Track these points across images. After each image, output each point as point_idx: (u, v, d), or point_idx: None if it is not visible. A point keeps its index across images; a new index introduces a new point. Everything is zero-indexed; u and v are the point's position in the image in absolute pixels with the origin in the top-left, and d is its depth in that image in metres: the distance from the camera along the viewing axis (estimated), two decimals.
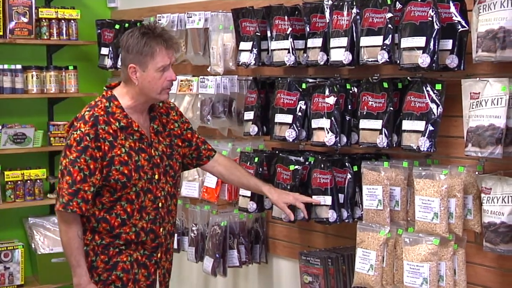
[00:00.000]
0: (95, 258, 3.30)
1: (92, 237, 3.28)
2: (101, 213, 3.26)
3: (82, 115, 3.25)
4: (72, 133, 3.21)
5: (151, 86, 3.24)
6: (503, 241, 3.06)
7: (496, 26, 2.95)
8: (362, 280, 3.46)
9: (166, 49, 3.24)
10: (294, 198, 3.58)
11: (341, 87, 3.62)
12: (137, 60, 3.21)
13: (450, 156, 3.41)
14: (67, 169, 3.18)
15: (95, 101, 3.32)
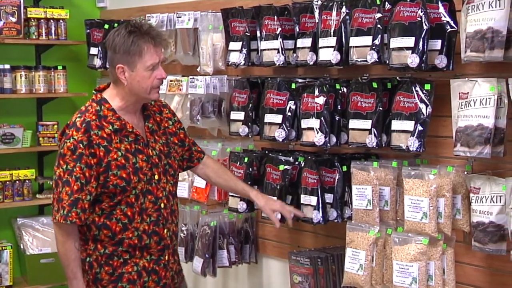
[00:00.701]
0: (99, 270, 3.17)
1: (95, 247, 3.17)
2: (101, 219, 3.14)
3: (73, 122, 3.14)
4: (65, 142, 3.10)
5: (140, 86, 3.13)
6: (492, 240, 3.09)
7: (484, 26, 2.96)
8: (351, 280, 3.47)
9: (155, 46, 3.13)
10: (281, 206, 3.56)
11: (331, 87, 3.62)
12: (125, 60, 3.10)
13: (439, 156, 3.42)
14: (62, 179, 3.07)
15: (85, 106, 3.21)
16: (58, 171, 3.09)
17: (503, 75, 3.04)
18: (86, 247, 3.17)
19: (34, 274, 5.09)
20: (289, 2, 3.86)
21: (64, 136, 3.13)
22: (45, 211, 5.38)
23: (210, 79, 4.33)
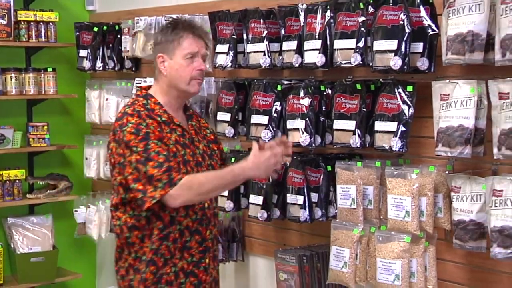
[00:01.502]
0: (145, 270, 3.06)
1: (151, 242, 3.06)
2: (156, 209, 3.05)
3: (123, 113, 3.05)
4: (123, 131, 2.99)
5: (179, 75, 3.07)
6: (472, 238, 3.11)
7: (465, 29, 2.99)
8: (336, 277, 3.49)
9: (194, 36, 3.10)
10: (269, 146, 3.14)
11: (316, 89, 3.64)
12: (164, 48, 3.09)
13: (421, 156, 3.43)
14: (141, 161, 2.93)
15: (131, 101, 3.14)
16: (133, 158, 2.95)
17: (483, 77, 3.07)
18: (142, 244, 3.07)
19: (24, 272, 5.08)
20: (275, 5, 3.87)
21: (120, 128, 3.01)
22: (35, 211, 5.38)
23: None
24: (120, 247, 3.13)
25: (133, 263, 3.10)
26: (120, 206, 3.08)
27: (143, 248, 3.07)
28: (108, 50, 5.03)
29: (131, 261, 3.10)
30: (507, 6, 2.85)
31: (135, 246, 3.08)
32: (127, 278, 3.11)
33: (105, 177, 5.10)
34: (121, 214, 3.08)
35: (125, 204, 3.06)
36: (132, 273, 3.10)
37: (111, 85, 5.06)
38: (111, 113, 4.99)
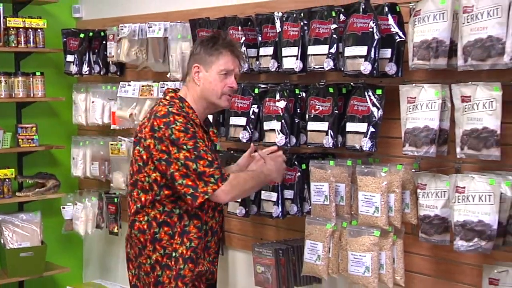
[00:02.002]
0: (183, 266, 3.04)
1: (181, 241, 3.04)
2: (193, 209, 3.04)
3: (167, 112, 2.99)
4: (171, 128, 2.94)
5: (211, 88, 3.08)
6: (437, 232, 3.13)
7: (429, 37, 3.00)
8: (310, 269, 3.50)
9: (232, 55, 3.11)
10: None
11: (291, 92, 3.65)
12: (202, 60, 3.08)
13: (390, 155, 3.45)
14: (191, 158, 2.91)
15: (167, 101, 3.07)
16: (181, 155, 2.93)
17: (447, 81, 3.08)
18: (171, 241, 3.04)
19: (14, 267, 5.06)
20: (252, 13, 3.88)
21: (165, 125, 2.95)
22: (24, 208, 5.35)
23: (179, 84, 4.30)
24: (143, 244, 3.07)
25: (160, 259, 3.05)
26: (148, 202, 3.03)
27: (172, 245, 3.04)
28: (94, 55, 5.02)
29: (158, 257, 3.05)
30: (468, 15, 2.87)
31: (162, 242, 3.04)
32: (153, 275, 3.06)
33: (91, 176, 5.09)
34: (150, 210, 3.04)
35: (154, 201, 3.02)
36: (159, 269, 3.05)
37: (97, 89, 5.05)
38: (97, 115, 4.99)
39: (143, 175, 3.02)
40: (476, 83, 2.95)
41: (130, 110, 4.64)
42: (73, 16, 5.59)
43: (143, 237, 3.06)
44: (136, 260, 3.13)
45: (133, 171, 3.09)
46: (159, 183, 3.00)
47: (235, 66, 3.13)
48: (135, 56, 4.63)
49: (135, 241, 3.10)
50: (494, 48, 2.81)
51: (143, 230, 3.06)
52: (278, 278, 3.70)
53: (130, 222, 3.12)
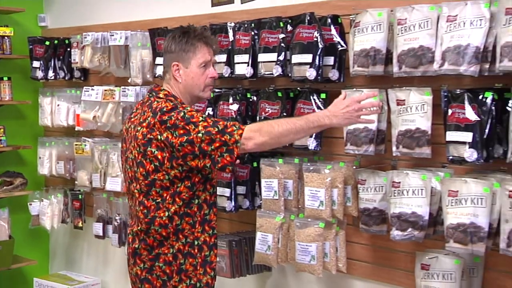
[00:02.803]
0: (208, 253, 2.95)
1: (202, 229, 2.94)
2: (212, 198, 2.97)
3: (173, 104, 2.84)
4: (180, 111, 2.79)
5: (194, 83, 2.94)
6: (375, 223, 3.17)
7: (368, 46, 3.04)
8: (261, 259, 3.50)
9: (206, 46, 2.96)
10: None
11: (243, 96, 3.65)
12: (180, 57, 2.92)
13: (333, 154, 3.46)
14: (209, 124, 2.76)
15: (165, 98, 2.91)
16: (200, 128, 2.75)
17: (384, 86, 3.12)
18: (193, 230, 2.92)
19: None
20: (207, 23, 3.87)
21: (176, 113, 2.79)
22: None
23: (139, 89, 4.32)
24: (165, 236, 2.89)
25: (182, 248, 2.91)
26: (168, 198, 2.86)
27: (194, 233, 2.92)
28: (59, 62, 4.97)
29: (180, 246, 2.91)
30: (402, 26, 2.92)
31: (185, 231, 2.90)
32: (175, 263, 2.91)
33: (56, 174, 5.04)
34: (170, 206, 2.87)
35: (174, 195, 2.87)
36: (181, 258, 2.92)
37: (62, 93, 4.99)
38: (62, 117, 4.94)
39: (162, 173, 2.84)
40: (409, 88, 3.00)
41: (93, 113, 4.61)
42: (39, 24, 5.51)
43: (166, 231, 2.89)
44: (152, 253, 2.93)
45: (147, 172, 2.86)
46: (180, 177, 2.85)
47: (212, 55, 2.99)
48: (98, 62, 4.61)
49: (155, 235, 2.90)
50: (425, 57, 2.86)
51: (165, 225, 2.89)
52: (232, 267, 3.71)
53: (149, 219, 2.89)
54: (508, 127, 2.71)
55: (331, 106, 2.90)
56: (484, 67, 2.73)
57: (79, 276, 5.20)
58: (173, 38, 2.97)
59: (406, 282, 3.24)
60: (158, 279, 2.94)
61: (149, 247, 2.93)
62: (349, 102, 2.86)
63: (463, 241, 2.75)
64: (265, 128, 2.82)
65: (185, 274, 2.93)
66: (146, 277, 2.96)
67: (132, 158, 2.93)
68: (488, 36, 2.70)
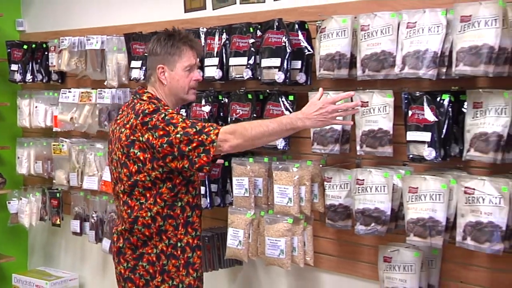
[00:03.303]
0: (191, 254, 2.91)
1: (185, 231, 2.89)
2: (195, 200, 2.91)
3: (155, 106, 2.80)
4: (163, 113, 2.76)
5: (179, 85, 2.90)
6: (341, 218, 3.19)
7: (333, 50, 3.05)
8: (232, 253, 3.50)
9: (191, 49, 2.91)
10: None
11: (215, 98, 3.65)
12: (165, 60, 2.87)
13: (301, 153, 3.47)
14: (188, 125, 2.72)
15: (147, 101, 2.86)
16: (179, 128, 2.71)
17: (349, 88, 3.08)
18: (176, 232, 2.87)
19: None
20: (180, 28, 3.87)
21: (157, 114, 2.76)
22: None
23: (115, 91, 4.31)
24: (148, 236, 2.85)
25: (165, 249, 2.87)
26: (151, 198, 2.82)
27: (177, 235, 2.88)
28: (37, 65, 4.93)
29: (163, 247, 2.87)
30: (365, 32, 2.95)
31: (168, 233, 2.86)
32: (158, 264, 2.87)
33: (35, 174, 4.99)
34: (152, 206, 2.82)
35: (156, 196, 2.82)
36: (164, 259, 2.87)
37: (40, 95, 4.96)
38: (40, 118, 4.90)
39: (144, 175, 2.81)
40: (372, 91, 3.02)
41: (70, 114, 4.59)
42: (17, 29, 5.46)
43: (149, 231, 2.85)
44: (136, 252, 2.89)
45: (130, 172, 2.83)
46: (161, 178, 2.81)
47: (196, 59, 2.95)
48: (75, 65, 4.58)
49: (139, 235, 2.87)
50: (386, 61, 2.89)
51: (148, 225, 2.84)
52: (205, 261, 3.70)
53: (133, 218, 2.85)
54: (464, 127, 2.77)
55: (305, 108, 2.80)
56: (441, 71, 2.77)
57: (57, 271, 5.17)
58: (158, 40, 2.92)
59: (370, 274, 3.27)
60: (141, 279, 2.89)
61: (133, 246, 2.90)
62: (322, 104, 2.76)
63: (423, 235, 2.79)
64: (239, 130, 2.77)
65: (167, 275, 2.89)
66: (129, 276, 2.92)
67: (117, 159, 2.91)
68: (445, 42, 2.75)
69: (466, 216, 2.69)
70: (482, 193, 2.64)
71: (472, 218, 2.66)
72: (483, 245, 2.63)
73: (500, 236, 2.60)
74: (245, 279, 3.96)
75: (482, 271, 2.92)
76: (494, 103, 2.66)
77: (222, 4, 3.94)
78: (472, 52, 2.59)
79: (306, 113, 2.77)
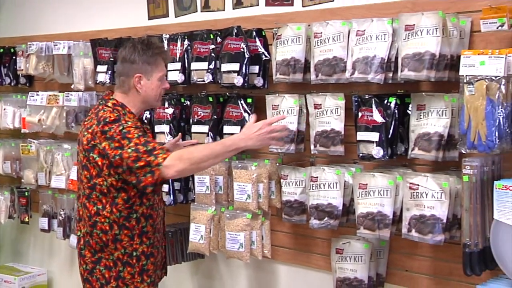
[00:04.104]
0: (146, 262, 2.89)
1: (141, 241, 2.86)
2: (148, 211, 2.88)
3: (116, 116, 2.77)
4: (121, 125, 2.73)
5: (153, 94, 2.88)
6: (296, 213, 3.20)
7: (289, 56, 3.08)
8: (195, 247, 3.50)
9: (164, 60, 2.93)
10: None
11: (177, 101, 3.65)
12: (143, 69, 2.84)
13: (259, 152, 3.47)
14: (141, 143, 2.68)
15: (112, 108, 2.83)
16: (132, 143, 2.68)
17: (303, 92, 3.15)
18: (131, 242, 2.85)
19: None
20: (144, 34, 3.82)
21: (116, 124, 2.73)
22: None
23: (82, 94, 4.28)
24: (105, 242, 2.85)
25: (122, 257, 2.86)
26: (108, 206, 2.82)
27: (133, 245, 2.87)
28: (5, 69, 4.86)
29: (119, 255, 2.86)
30: (318, 39, 2.99)
31: (123, 242, 2.85)
32: (115, 269, 2.86)
33: (3, 173, 4.90)
34: (109, 214, 2.81)
35: (112, 206, 2.81)
36: (120, 265, 2.86)
37: (8, 98, 4.89)
38: (8, 120, 4.82)
39: (102, 179, 2.80)
40: (325, 94, 3.05)
41: (38, 116, 4.55)
42: None
43: (105, 237, 2.84)
44: (95, 255, 2.88)
45: (90, 175, 2.83)
46: (116, 186, 2.79)
47: (165, 69, 2.97)
48: (42, 69, 4.54)
49: (97, 239, 2.87)
50: (338, 66, 2.92)
51: (105, 231, 2.84)
52: (169, 255, 3.67)
53: (92, 222, 2.85)
54: (409, 128, 2.83)
55: (245, 129, 2.82)
56: (388, 76, 2.82)
57: (26, 267, 5.11)
58: (135, 48, 2.87)
59: (323, 265, 3.30)
60: (97, 282, 2.89)
61: (92, 250, 2.89)
62: (261, 125, 2.78)
63: (372, 228, 2.84)
64: (185, 155, 2.72)
65: (122, 281, 2.88)
66: (88, 277, 2.92)
67: (80, 161, 2.91)
68: (391, 48, 2.79)
69: (411, 210, 2.75)
70: (425, 189, 2.71)
71: (416, 211, 2.72)
72: (426, 237, 2.69)
73: (441, 228, 2.67)
74: (207, 272, 3.97)
75: (425, 260, 2.98)
76: (436, 106, 2.74)
77: (184, 12, 3.95)
78: (416, 59, 2.65)
79: (247, 134, 2.79)
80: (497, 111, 2.43)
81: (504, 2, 2.53)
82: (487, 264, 2.59)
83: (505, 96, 2.44)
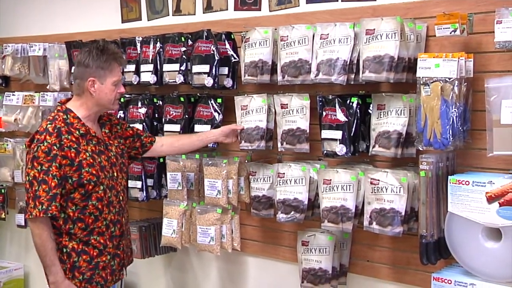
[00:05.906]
0: (77, 259, 2.83)
1: (69, 238, 2.81)
2: (76, 214, 2.80)
3: (44, 128, 2.76)
4: (38, 146, 2.71)
5: (107, 97, 2.85)
6: (264, 208, 3.22)
7: (257, 58, 3.10)
8: (167, 241, 3.51)
9: (119, 66, 2.91)
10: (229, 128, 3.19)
11: (150, 101, 3.64)
12: (96, 73, 2.81)
13: (229, 150, 3.49)
14: (38, 179, 2.68)
15: (52, 116, 2.83)
16: (32, 172, 2.70)
17: (270, 92, 3.17)
18: (60, 239, 2.81)
19: None
20: (118, 37, 3.86)
21: (37, 141, 2.74)
22: None
23: (57, 95, 4.26)
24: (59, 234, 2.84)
25: (77, 247, 2.84)
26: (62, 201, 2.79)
27: (62, 242, 2.85)
28: None
29: (74, 245, 2.84)
30: (285, 42, 3.01)
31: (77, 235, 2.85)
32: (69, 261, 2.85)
33: None
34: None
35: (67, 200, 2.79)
36: (75, 256, 2.86)
37: None
38: None
39: None
40: (291, 94, 3.07)
41: (14, 116, 4.51)
42: None
43: None
44: None
45: None
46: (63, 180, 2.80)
47: (120, 74, 2.95)
48: (18, 70, 4.50)
49: None
50: (303, 68, 2.95)
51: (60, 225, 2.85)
52: (142, 249, 3.71)
53: None
54: (370, 127, 2.88)
55: None
56: (350, 77, 2.86)
57: (3, 262, 5.06)
58: (89, 53, 2.85)
59: (290, 256, 3.33)
60: None
61: None
62: None
63: (335, 221, 2.87)
64: (42, 238, 2.76)
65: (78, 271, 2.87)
66: None
67: None
68: (353, 51, 2.84)
69: (372, 203, 2.80)
70: (385, 184, 2.76)
71: (377, 205, 2.77)
72: (386, 229, 2.75)
73: (400, 220, 2.72)
74: (179, 264, 3.98)
75: (385, 251, 3.03)
76: (395, 105, 2.79)
77: (156, 16, 3.96)
78: (376, 61, 2.70)
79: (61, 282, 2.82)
80: (451, 111, 2.50)
81: (456, 9, 2.60)
82: (442, 254, 2.66)
83: (458, 96, 2.51)
